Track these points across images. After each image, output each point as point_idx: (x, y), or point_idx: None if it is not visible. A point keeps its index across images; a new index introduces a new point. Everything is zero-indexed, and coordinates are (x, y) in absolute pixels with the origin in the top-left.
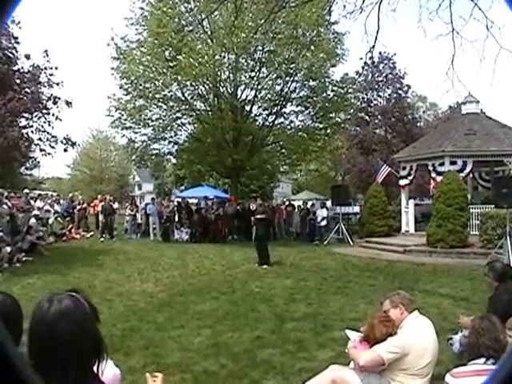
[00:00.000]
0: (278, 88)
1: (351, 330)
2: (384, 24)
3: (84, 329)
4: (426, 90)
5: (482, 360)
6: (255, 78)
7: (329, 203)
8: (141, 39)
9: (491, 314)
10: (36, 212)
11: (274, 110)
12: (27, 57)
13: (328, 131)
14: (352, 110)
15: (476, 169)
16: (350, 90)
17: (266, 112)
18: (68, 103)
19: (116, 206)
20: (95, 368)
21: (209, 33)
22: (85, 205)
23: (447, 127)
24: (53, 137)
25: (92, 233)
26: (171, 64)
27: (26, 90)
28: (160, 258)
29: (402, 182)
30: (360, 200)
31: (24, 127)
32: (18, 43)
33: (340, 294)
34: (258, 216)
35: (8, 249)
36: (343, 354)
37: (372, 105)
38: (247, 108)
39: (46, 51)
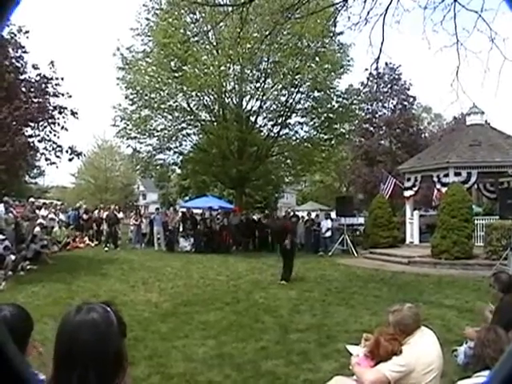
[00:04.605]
0: (282, 99)
1: (352, 345)
2: (389, 35)
3: (106, 342)
4: (430, 101)
5: (488, 372)
6: (260, 89)
7: (333, 214)
8: (146, 50)
9: (497, 326)
10: (41, 220)
11: (279, 121)
12: (34, 67)
13: (333, 142)
14: (357, 121)
15: (481, 180)
16: (354, 101)
17: (271, 123)
18: (74, 113)
19: (120, 215)
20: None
21: (214, 43)
22: (91, 214)
23: (452, 138)
24: (58, 146)
25: (96, 242)
26: (177, 74)
27: (33, 99)
28: (164, 267)
29: (407, 193)
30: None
31: (30, 136)
32: (25, 52)
33: (344, 305)
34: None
35: (12, 257)
36: (347, 365)
37: (377, 116)
38: (252, 119)
39: (51, 62)
